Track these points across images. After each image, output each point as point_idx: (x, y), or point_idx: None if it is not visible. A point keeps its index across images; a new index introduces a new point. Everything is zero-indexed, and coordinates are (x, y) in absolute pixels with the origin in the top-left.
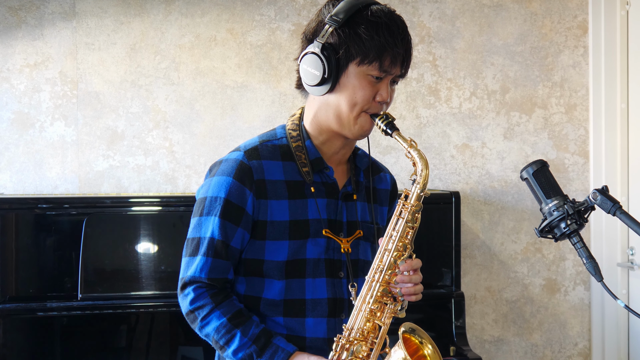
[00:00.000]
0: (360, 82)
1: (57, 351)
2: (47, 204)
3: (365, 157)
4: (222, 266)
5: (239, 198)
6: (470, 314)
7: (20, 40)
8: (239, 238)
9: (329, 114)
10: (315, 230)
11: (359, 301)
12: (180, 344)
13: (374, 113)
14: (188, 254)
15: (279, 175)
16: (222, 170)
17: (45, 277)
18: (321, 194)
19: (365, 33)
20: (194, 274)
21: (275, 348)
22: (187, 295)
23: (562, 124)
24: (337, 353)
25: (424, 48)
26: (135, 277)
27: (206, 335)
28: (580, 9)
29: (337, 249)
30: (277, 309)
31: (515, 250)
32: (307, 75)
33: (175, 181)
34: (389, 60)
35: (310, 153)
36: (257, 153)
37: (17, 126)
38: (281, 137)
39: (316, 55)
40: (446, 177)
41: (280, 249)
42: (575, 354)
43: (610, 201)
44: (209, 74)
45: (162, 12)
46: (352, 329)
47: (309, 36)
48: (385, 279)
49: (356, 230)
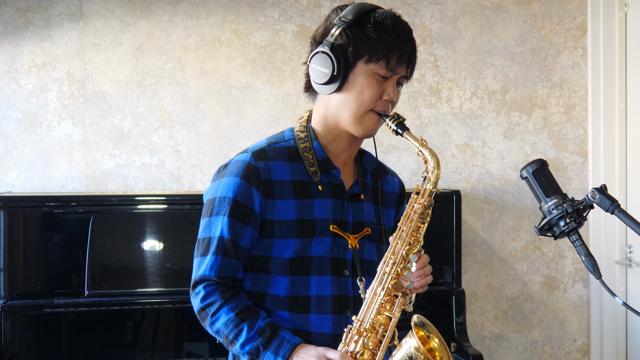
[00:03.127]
0: (368, 80)
1: (64, 347)
2: (54, 202)
3: (372, 158)
4: (232, 265)
5: (246, 198)
6: (470, 311)
7: (28, 40)
8: (248, 237)
9: (337, 112)
10: (322, 229)
11: (370, 293)
12: (185, 340)
13: (382, 112)
14: (199, 254)
15: (286, 176)
16: (230, 171)
17: (52, 274)
18: (328, 194)
19: (373, 32)
20: (204, 273)
21: (281, 340)
22: (198, 293)
23: (561, 124)
24: (346, 344)
25: (425, 49)
26: (141, 274)
27: (216, 331)
28: (580, 11)
29: (343, 248)
30: (283, 305)
31: (515, 248)
32: (317, 74)
33: (181, 180)
34: (396, 59)
35: (318, 153)
36: (264, 154)
37: (25, 125)
38: (289, 139)
39: (325, 54)
40: (447, 176)
41: (287, 246)
42: (574, 350)
43: (608, 200)
44: (214, 74)
45: (168, 14)
46: (363, 321)
47: (317, 38)
48: (397, 271)
49: (363, 228)
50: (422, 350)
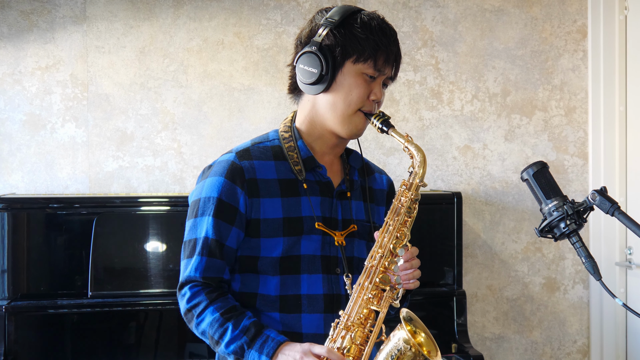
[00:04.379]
0: (356, 80)
1: (67, 347)
2: (58, 204)
3: (359, 156)
4: (217, 265)
5: (231, 197)
6: (471, 312)
7: (32, 43)
8: (234, 238)
9: (324, 113)
10: (309, 228)
11: (357, 287)
12: (187, 341)
13: (368, 112)
14: (185, 256)
15: (272, 175)
16: (214, 171)
17: (56, 275)
18: (315, 192)
19: (361, 33)
20: (189, 274)
21: (265, 338)
22: (184, 295)
23: (561, 126)
24: (333, 339)
25: (426, 52)
26: (144, 275)
27: (202, 332)
28: (580, 14)
29: (333, 245)
30: (273, 305)
31: (516, 249)
32: (304, 74)
33: (184, 181)
34: (383, 59)
35: (302, 152)
36: (248, 154)
37: (29, 127)
38: (273, 139)
39: (313, 54)
40: (448, 178)
41: (275, 245)
42: (574, 351)
43: (608, 202)
44: (217, 77)
45: (171, 16)
46: (350, 315)
47: (303, 40)
48: (384, 265)
49: (350, 225)
50: (412, 343)
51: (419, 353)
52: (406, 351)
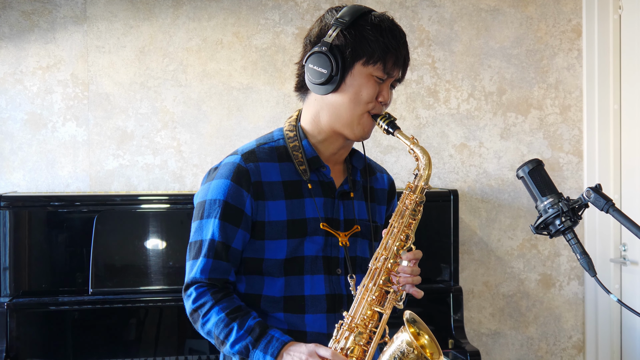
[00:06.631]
0: (365, 81)
1: (68, 344)
2: (59, 202)
3: (362, 157)
4: (223, 267)
5: (237, 200)
6: (468, 308)
7: (33, 43)
8: (239, 239)
9: (332, 114)
10: (313, 229)
11: (361, 289)
12: (188, 337)
13: (376, 114)
14: (191, 257)
15: (276, 177)
16: (220, 174)
17: (57, 273)
18: (318, 193)
19: (371, 34)
20: (195, 275)
21: (270, 338)
22: (190, 295)
23: (557, 125)
24: (337, 340)
25: (423, 51)
26: (144, 273)
27: (208, 332)
28: (575, 13)
29: (335, 246)
30: (278, 305)
31: (512, 246)
32: (314, 74)
33: (183, 180)
34: (392, 61)
35: (307, 152)
36: (254, 156)
37: (30, 126)
38: (278, 139)
39: (323, 54)
40: (445, 175)
41: (280, 247)
42: (569, 347)
43: (603, 199)
44: (216, 76)
45: (170, 16)
46: (354, 317)
47: (312, 39)
48: (388, 267)
49: (353, 226)
50: (415, 345)
51: (422, 355)
52: (409, 353)
